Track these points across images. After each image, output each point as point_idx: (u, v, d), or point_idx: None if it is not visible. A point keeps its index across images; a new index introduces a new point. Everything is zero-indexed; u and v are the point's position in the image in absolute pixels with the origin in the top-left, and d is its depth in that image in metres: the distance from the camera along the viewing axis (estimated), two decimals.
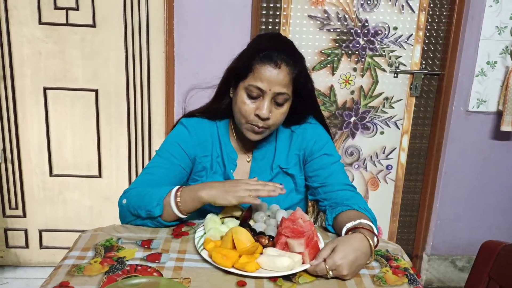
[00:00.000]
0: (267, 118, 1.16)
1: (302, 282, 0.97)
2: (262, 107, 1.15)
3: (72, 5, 2.17)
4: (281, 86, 1.14)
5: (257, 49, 1.17)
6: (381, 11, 2.27)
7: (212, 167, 1.29)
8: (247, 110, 1.17)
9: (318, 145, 1.29)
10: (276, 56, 1.13)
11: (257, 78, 1.14)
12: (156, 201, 1.11)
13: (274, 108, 1.17)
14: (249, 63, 1.16)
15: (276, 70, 1.13)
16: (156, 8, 2.21)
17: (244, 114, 1.18)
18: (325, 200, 1.27)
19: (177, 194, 1.11)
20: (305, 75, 1.20)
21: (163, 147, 1.28)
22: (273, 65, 1.13)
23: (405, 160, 2.50)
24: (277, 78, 1.13)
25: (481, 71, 2.29)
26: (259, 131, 1.19)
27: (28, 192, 2.43)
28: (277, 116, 1.18)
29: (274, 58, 1.13)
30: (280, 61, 1.13)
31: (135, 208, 1.14)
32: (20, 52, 2.23)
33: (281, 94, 1.15)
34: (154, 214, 1.11)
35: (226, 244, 1.00)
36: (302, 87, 1.20)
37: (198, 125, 1.30)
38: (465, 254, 2.57)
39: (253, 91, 1.15)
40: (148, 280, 0.89)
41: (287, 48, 1.18)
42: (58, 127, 2.34)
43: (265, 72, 1.13)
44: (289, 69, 1.14)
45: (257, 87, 1.14)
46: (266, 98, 1.15)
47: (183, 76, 2.24)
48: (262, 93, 1.15)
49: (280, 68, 1.13)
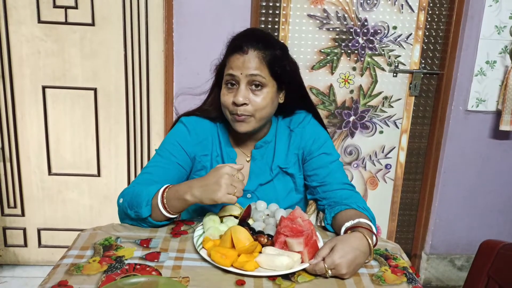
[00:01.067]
0: (244, 103, 1.17)
1: (301, 281, 0.97)
2: (237, 94, 1.17)
3: (71, 4, 2.17)
4: (252, 69, 1.16)
5: (228, 44, 1.22)
6: (380, 11, 2.27)
7: (212, 166, 1.28)
8: (226, 100, 1.20)
9: (317, 144, 1.29)
10: (243, 43, 1.17)
11: (229, 68, 1.19)
12: (145, 202, 1.11)
13: (252, 94, 1.18)
14: (224, 59, 1.23)
15: (244, 56, 1.16)
16: (156, 7, 2.20)
17: (225, 105, 1.21)
18: (324, 199, 1.27)
19: (163, 195, 1.10)
20: (280, 59, 1.20)
21: (163, 146, 1.28)
22: (241, 52, 1.17)
23: (404, 159, 2.50)
24: (247, 62, 1.16)
25: (480, 71, 2.29)
26: (240, 119, 1.19)
27: (27, 191, 2.42)
28: (257, 102, 1.18)
29: (241, 46, 1.17)
30: (247, 47, 1.16)
31: (127, 208, 1.15)
32: (19, 51, 2.22)
33: (254, 76, 1.16)
34: (142, 216, 1.11)
35: (225, 243, 1.00)
36: (280, 69, 1.20)
37: (198, 124, 1.30)
38: (464, 253, 2.57)
39: (228, 80, 1.19)
40: (147, 279, 0.89)
41: (257, 35, 1.21)
42: (57, 126, 2.34)
43: (234, 60, 1.18)
44: (257, 52, 1.16)
45: (229, 74, 1.18)
46: (241, 84, 1.17)
47: (182, 75, 2.23)
48: (236, 80, 1.18)
49: (248, 53, 1.16)
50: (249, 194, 1.29)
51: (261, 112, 1.19)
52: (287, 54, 1.25)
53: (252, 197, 1.29)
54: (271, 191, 1.29)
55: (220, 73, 1.25)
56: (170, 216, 1.12)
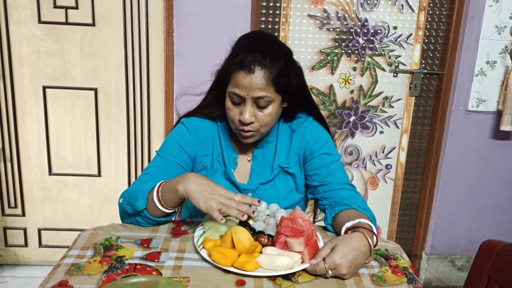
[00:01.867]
0: (250, 122, 1.17)
1: (301, 281, 0.97)
2: (243, 112, 1.16)
3: (71, 4, 2.17)
4: (258, 90, 1.13)
5: (233, 54, 1.17)
6: (380, 11, 2.27)
7: (213, 166, 1.29)
8: (232, 116, 1.19)
9: (319, 144, 1.29)
10: (248, 60, 1.11)
11: (235, 85, 1.15)
12: (141, 195, 1.11)
13: (258, 112, 1.16)
14: (228, 70, 1.17)
15: (250, 76, 1.11)
16: (156, 7, 2.20)
17: (231, 120, 1.20)
18: (324, 199, 1.27)
19: (159, 188, 1.10)
20: (286, 72, 1.16)
21: (163, 147, 1.28)
22: (246, 71, 1.11)
23: (405, 160, 2.50)
24: (253, 83, 1.12)
25: (481, 71, 2.29)
26: (247, 136, 1.20)
27: (27, 191, 2.42)
28: (263, 119, 1.17)
29: (246, 63, 1.11)
30: (253, 65, 1.11)
31: (125, 205, 1.15)
32: (19, 51, 2.22)
33: (261, 98, 1.14)
34: (138, 208, 1.11)
35: (226, 243, 1.00)
36: (285, 84, 1.17)
37: (198, 124, 1.30)
38: (464, 253, 2.57)
39: (234, 98, 1.16)
40: (147, 279, 0.89)
41: (262, 48, 1.14)
42: (57, 126, 2.34)
43: (240, 79, 1.13)
44: (264, 71, 1.12)
45: (236, 93, 1.15)
46: (247, 103, 1.15)
47: (183, 75, 2.23)
48: (242, 99, 1.15)
49: (254, 73, 1.11)
50: (249, 194, 1.29)
51: (267, 127, 1.20)
52: (292, 62, 1.21)
53: (252, 197, 1.29)
54: (272, 191, 1.30)
55: (222, 80, 1.21)
56: (165, 210, 1.10)
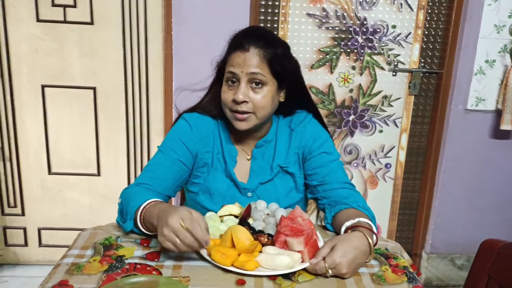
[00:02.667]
0: (244, 101, 1.17)
1: (301, 280, 0.97)
2: (237, 92, 1.18)
3: (70, 3, 2.16)
4: (253, 67, 1.16)
5: (230, 42, 1.23)
6: (379, 9, 2.27)
7: (213, 163, 1.29)
8: (226, 98, 1.20)
9: (317, 143, 1.29)
10: (244, 41, 1.18)
11: (230, 65, 1.19)
12: (129, 216, 1.09)
13: (252, 92, 1.18)
14: (226, 56, 1.23)
15: (245, 54, 1.16)
16: (155, 6, 2.20)
17: (225, 103, 1.21)
18: (324, 198, 1.27)
19: (143, 211, 1.05)
20: (281, 58, 1.20)
21: (165, 142, 1.28)
22: (242, 50, 1.17)
23: (404, 159, 2.50)
24: (248, 60, 1.16)
25: (480, 70, 2.29)
26: (241, 118, 1.19)
27: (27, 190, 2.42)
28: (258, 100, 1.18)
29: (242, 44, 1.17)
30: (248, 44, 1.17)
31: (120, 212, 1.15)
32: (17, 50, 2.22)
33: (255, 74, 1.16)
34: (126, 229, 1.11)
35: (225, 243, 1.00)
36: (281, 68, 1.20)
37: (199, 120, 1.30)
38: (464, 252, 2.57)
39: (229, 77, 1.20)
40: (147, 279, 0.89)
41: (258, 33, 1.22)
42: (56, 125, 2.34)
43: (235, 57, 1.18)
44: (258, 50, 1.17)
45: (230, 71, 1.18)
46: (242, 82, 1.18)
47: (181, 74, 2.23)
48: (237, 78, 1.18)
49: (249, 51, 1.16)
50: (249, 193, 1.29)
51: (262, 110, 1.20)
52: (288, 53, 1.24)
53: (252, 196, 1.29)
54: (272, 190, 1.29)
55: (220, 70, 1.25)
56: (149, 233, 1.08)
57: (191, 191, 1.31)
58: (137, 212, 1.06)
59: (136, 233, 1.11)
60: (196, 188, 1.29)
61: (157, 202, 1.07)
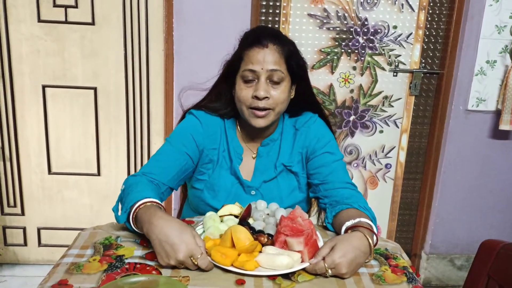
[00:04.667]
0: (266, 97, 1.18)
1: (301, 280, 0.97)
2: (258, 88, 1.18)
3: (71, 3, 2.17)
4: (272, 64, 1.17)
5: (244, 39, 1.24)
6: (380, 10, 2.27)
7: (218, 160, 1.29)
8: (245, 95, 1.20)
9: (321, 143, 1.30)
10: (262, 37, 1.18)
11: (248, 62, 1.19)
12: (124, 209, 1.08)
13: (271, 89, 1.19)
14: (240, 53, 1.22)
15: (264, 50, 1.18)
16: (156, 7, 2.20)
17: (243, 100, 1.21)
18: (325, 198, 1.27)
19: (136, 210, 1.03)
20: (295, 55, 1.23)
21: (174, 135, 1.29)
22: (260, 46, 1.18)
23: (404, 159, 2.50)
24: (267, 56, 1.17)
25: (481, 70, 2.29)
26: (261, 115, 1.20)
27: (27, 190, 2.42)
28: (278, 96, 1.20)
29: (260, 40, 1.18)
30: (266, 41, 1.18)
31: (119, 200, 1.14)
32: (19, 50, 2.22)
33: (275, 71, 1.18)
34: (118, 222, 1.10)
35: (225, 243, 1.00)
36: (295, 64, 1.22)
37: (207, 117, 1.31)
38: (464, 253, 2.57)
39: (248, 75, 1.19)
40: (147, 279, 0.89)
41: (273, 31, 1.24)
42: (57, 125, 2.34)
43: (254, 54, 1.18)
44: (277, 47, 1.18)
45: (250, 69, 1.18)
46: (261, 79, 1.18)
47: (182, 74, 2.23)
48: (256, 75, 1.18)
49: (268, 47, 1.18)
50: (253, 191, 1.30)
51: (280, 105, 1.22)
52: (298, 50, 1.27)
53: (256, 194, 1.30)
54: (275, 189, 1.30)
55: (231, 69, 1.25)
56: (139, 232, 1.06)
57: (195, 188, 1.31)
58: (131, 208, 1.05)
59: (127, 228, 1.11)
60: (201, 185, 1.30)
61: (152, 204, 1.04)
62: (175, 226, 0.96)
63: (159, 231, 0.96)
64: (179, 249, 0.94)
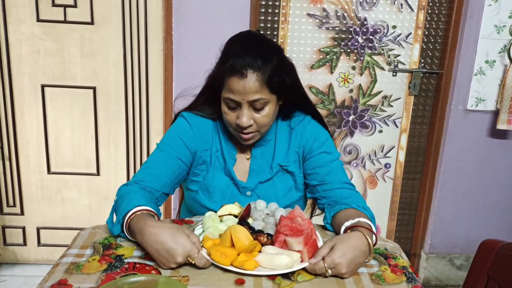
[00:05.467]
0: (249, 125, 1.17)
1: (300, 280, 0.97)
2: (241, 116, 1.16)
3: (70, 3, 2.16)
4: (253, 93, 1.13)
5: (224, 59, 1.16)
6: (380, 10, 2.27)
7: (212, 161, 1.29)
8: (229, 120, 1.20)
9: (318, 142, 1.29)
10: (240, 64, 1.11)
11: (229, 91, 1.15)
12: (117, 219, 1.08)
13: (255, 114, 1.17)
14: (220, 76, 1.17)
15: (243, 80, 1.11)
16: (155, 6, 2.20)
17: (228, 124, 1.21)
18: (323, 198, 1.27)
19: (129, 220, 1.04)
20: (279, 71, 1.15)
21: (164, 140, 1.28)
22: (239, 76, 1.11)
23: (404, 159, 2.50)
24: (246, 87, 1.12)
25: (480, 70, 2.29)
26: (247, 137, 1.21)
27: (26, 189, 2.42)
28: (261, 120, 1.18)
29: (238, 68, 1.11)
30: (245, 69, 1.11)
31: (113, 211, 1.14)
32: (18, 50, 2.22)
33: (256, 101, 1.14)
34: (112, 233, 1.10)
35: (225, 242, 1.00)
36: (279, 84, 1.16)
37: (198, 118, 1.30)
38: (463, 252, 2.57)
39: (229, 103, 1.17)
40: (147, 278, 0.89)
41: (252, 50, 1.14)
42: (56, 125, 2.34)
43: (233, 84, 1.13)
44: (256, 74, 1.12)
45: (231, 99, 1.15)
46: (244, 107, 1.15)
47: (182, 74, 2.23)
48: (238, 104, 1.16)
49: (247, 77, 1.11)
50: (248, 192, 1.29)
51: (265, 127, 1.21)
52: (283, 60, 1.20)
53: (252, 195, 1.29)
54: (271, 189, 1.29)
55: (214, 85, 1.21)
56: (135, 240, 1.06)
57: (190, 190, 1.31)
58: (124, 218, 1.06)
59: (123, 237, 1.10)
60: (196, 187, 1.29)
61: (142, 213, 1.04)
62: (167, 232, 0.98)
63: (153, 240, 0.97)
64: (177, 252, 0.95)
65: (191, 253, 0.95)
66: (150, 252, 0.98)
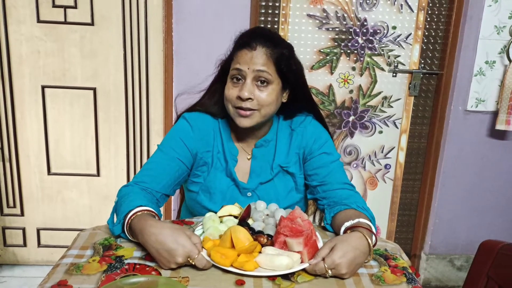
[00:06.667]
0: (248, 98, 1.18)
1: (300, 281, 0.97)
2: (242, 88, 1.18)
3: (70, 3, 2.16)
4: (259, 65, 1.18)
5: (236, 40, 1.24)
6: (380, 10, 2.27)
7: (213, 162, 1.29)
8: (230, 94, 1.21)
9: (318, 143, 1.29)
10: (252, 40, 1.19)
11: (236, 62, 1.20)
12: (118, 220, 1.09)
13: (257, 90, 1.19)
14: (231, 54, 1.24)
15: (252, 52, 1.18)
16: (155, 7, 2.20)
17: (228, 99, 1.22)
18: (323, 199, 1.27)
19: (129, 221, 1.04)
20: (287, 59, 1.22)
21: (165, 141, 1.28)
22: (249, 48, 1.19)
23: (404, 160, 2.50)
24: (254, 58, 1.18)
25: (480, 71, 2.29)
26: (245, 114, 1.20)
27: (26, 190, 2.42)
28: (262, 98, 1.19)
29: (249, 42, 1.19)
30: (256, 43, 1.18)
31: (114, 212, 1.14)
32: (18, 51, 2.22)
33: (261, 72, 1.18)
34: (113, 234, 1.10)
35: (225, 243, 1.00)
36: (286, 68, 1.21)
37: (200, 119, 1.30)
38: (464, 253, 2.57)
39: (234, 74, 1.20)
40: (147, 279, 0.89)
41: (265, 33, 1.23)
42: (56, 125, 2.34)
43: (242, 56, 1.19)
44: (265, 49, 1.18)
45: (236, 68, 1.19)
46: (247, 79, 1.18)
47: (182, 75, 2.23)
48: (243, 75, 1.19)
49: (256, 50, 1.18)
50: (249, 193, 1.29)
51: (266, 107, 1.21)
52: (293, 54, 1.26)
53: (252, 196, 1.29)
54: (272, 190, 1.30)
55: (224, 68, 1.26)
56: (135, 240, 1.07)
57: (191, 191, 1.31)
58: (125, 218, 1.06)
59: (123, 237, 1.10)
60: (197, 188, 1.29)
61: (143, 213, 1.05)
62: (168, 232, 0.98)
63: (154, 240, 0.97)
64: (177, 253, 0.95)
65: (191, 254, 0.96)
66: (151, 252, 0.99)
